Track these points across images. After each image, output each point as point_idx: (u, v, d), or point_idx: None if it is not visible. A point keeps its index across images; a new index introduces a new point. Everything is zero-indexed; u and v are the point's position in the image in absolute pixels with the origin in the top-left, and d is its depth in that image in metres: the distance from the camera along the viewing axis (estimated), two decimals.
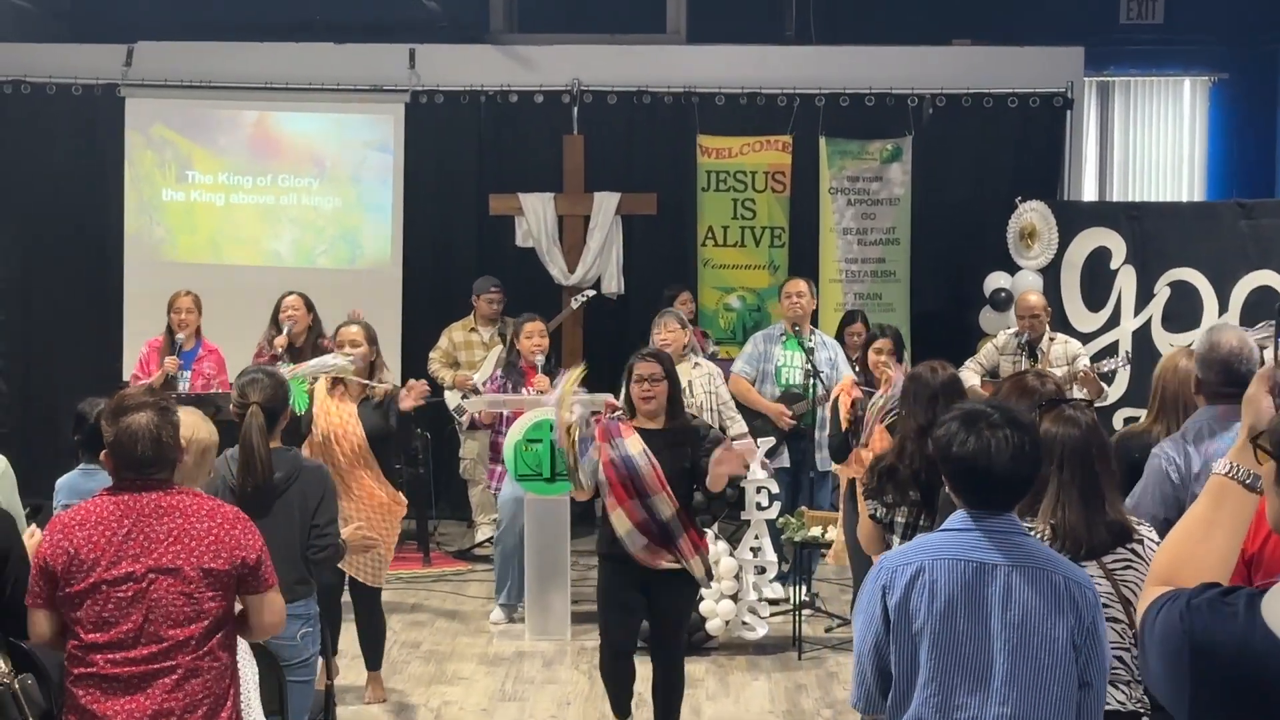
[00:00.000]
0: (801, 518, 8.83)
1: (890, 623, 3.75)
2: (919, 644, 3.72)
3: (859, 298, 12.15)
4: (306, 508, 5.89)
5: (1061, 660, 3.71)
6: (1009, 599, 3.70)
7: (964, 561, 3.73)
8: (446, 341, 11.05)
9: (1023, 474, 3.77)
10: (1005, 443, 3.74)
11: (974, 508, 3.80)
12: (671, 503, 6.68)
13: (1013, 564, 3.72)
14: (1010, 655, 3.69)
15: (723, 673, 8.42)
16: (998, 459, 3.73)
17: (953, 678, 3.70)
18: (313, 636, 5.85)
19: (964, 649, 3.70)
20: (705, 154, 12.41)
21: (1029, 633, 3.69)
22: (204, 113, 12.52)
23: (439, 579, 10.55)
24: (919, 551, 3.81)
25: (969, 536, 3.76)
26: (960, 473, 3.80)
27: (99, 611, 4.27)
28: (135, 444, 4.31)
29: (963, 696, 3.70)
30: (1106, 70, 13.48)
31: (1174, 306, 11.01)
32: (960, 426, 3.81)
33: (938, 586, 3.71)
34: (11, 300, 12.73)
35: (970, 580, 3.71)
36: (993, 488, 3.78)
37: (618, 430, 6.78)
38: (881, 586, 3.78)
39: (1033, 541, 3.84)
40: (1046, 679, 3.69)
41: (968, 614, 3.70)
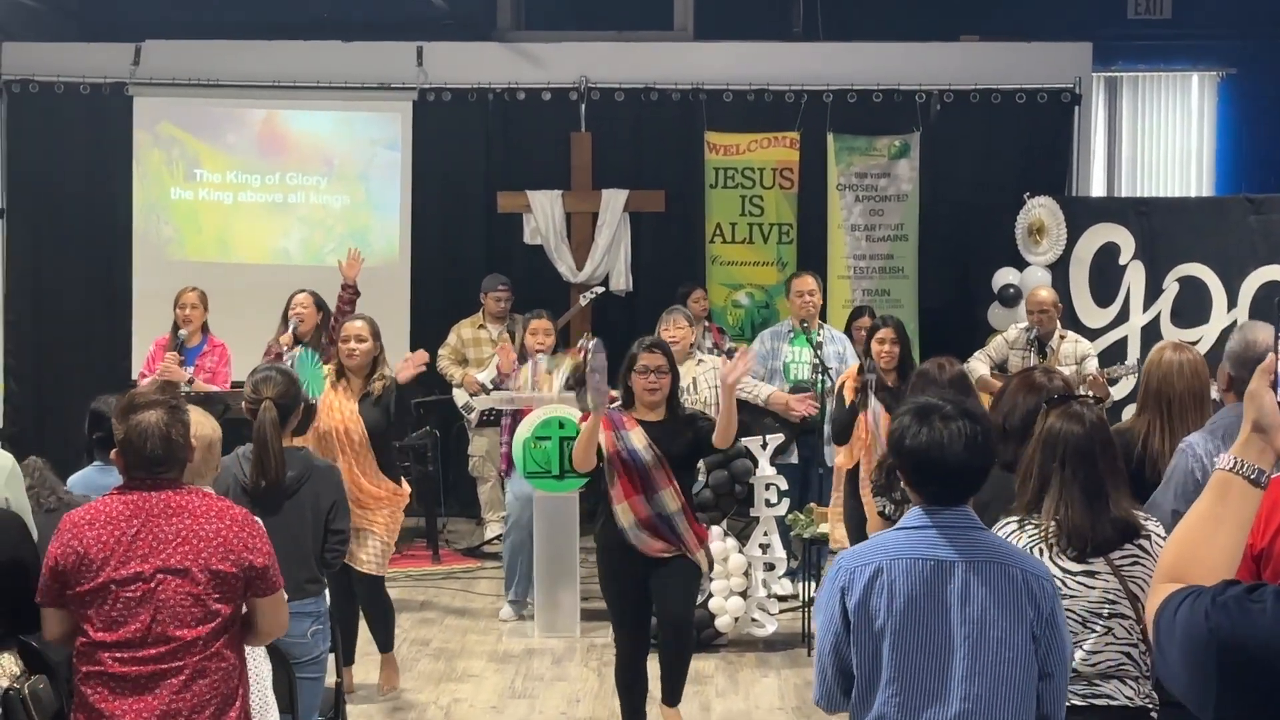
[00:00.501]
0: (810, 514, 8.83)
1: (850, 623, 3.75)
2: (880, 643, 3.73)
3: (867, 294, 12.14)
4: (319, 508, 5.90)
5: (1022, 653, 3.72)
6: (967, 595, 3.71)
7: (921, 560, 3.74)
8: (455, 339, 11.05)
9: (976, 465, 3.78)
10: (958, 434, 3.75)
11: (929, 502, 3.81)
12: (677, 497, 6.70)
13: (970, 559, 3.73)
14: (971, 650, 3.70)
15: (732, 669, 8.43)
16: (950, 450, 3.74)
17: (915, 676, 3.71)
18: (323, 634, 5.87)
19: (925, 647, 3.71)
20: (713, 151, 12.41)
21: (988, 627, 3.70)
22: (212, 111, 12.53)
23: (448, 576, 10.56)
24: (876, 551, 3.81)
25: (925, 534, 3.77)
26: (914, 465, 3.81)
27: (107, 611, 4.27)
28: (145, 442, 4.31)
29: (925, 694, 3.71)
30: (1114, 65, 13.46)
31: (1183, 302, 11.00)
32: (913, 419, 3.82)
33: (897, 586, 3.72)
34: (21, 299, 12.74)
35: (929, 578, 3.72)
36: (946, 479, 3.78)
37: (621, 422, 6.78)
38: (840, 587, 3.78)
39: (990, 535, 3.86)
40: (1007, 673, 3.71)
41: (928, 612, 3.72)
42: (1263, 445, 2.65)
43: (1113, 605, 4.21)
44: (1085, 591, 4.23)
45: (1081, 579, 4.23)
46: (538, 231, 12.21)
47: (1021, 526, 4.31)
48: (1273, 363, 2.65)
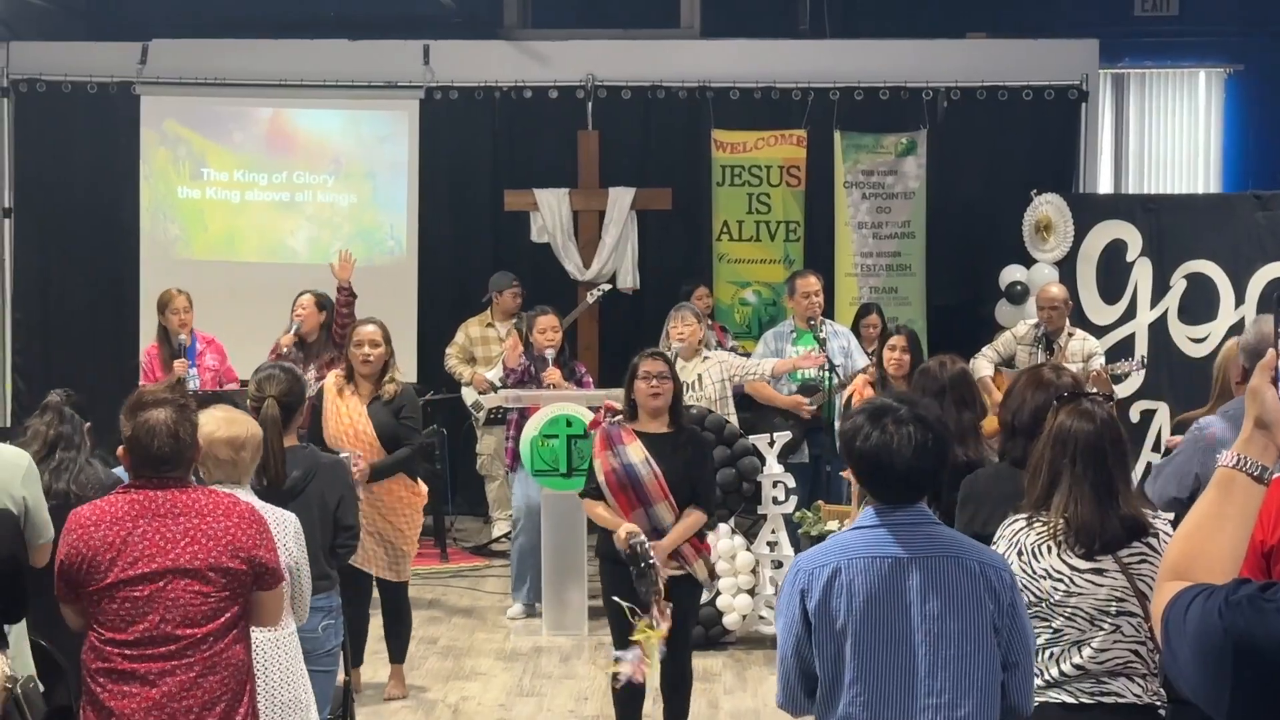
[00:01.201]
0: (819, 512, 8.83)
1: (811, 625, 3.75)
2: (842, 644, 3.73)
3: (874, 291, 12.13)
4: (326, 504, 5.90)
5: (984, 645, 3.73)
6: (926, 590, 3.72)
7: (879, 558, 3.74)
8: (463, 337, 11.06)
9: (924, 468, 3.78)
10: (908, 439, 3.75)
11: (881, 501, 3.81)
12: (673, 510, 6.65)
13: (926, 555, 3.75)
14: (932, 646, 3.71)
15: (740, 667, 8.43)
16: (899, 454, 3.75)
17: (878, 674, 3.72)
18: (334, 629, 5.87)
19: (887, 645, 3.72)
20: (720, 149, 12.40)
21: (948, 621, 3.71)
22: (219, 110, 12.54)
23: (456, 574, 10.57)
24: (834, 551, 3.81)
25: (880, 532, 3.78)
26: (864, 467, 3.82)
27: (116, 610, 4.28)
28: (152, 440, 4.32)
29: (890, 692, 3.71)
30: (1121, 62, 13.44)
31: (1190, 299, 10.98)
32: (865, 420, 3.83)
33: (856, 585, 3.72)
34: (29, 298, 12.76)
35: (887, 576, 3.73)
36: (895, 482, 3.79)
37: (619, 437, 6.72)
38: (800, 589, 3.78)
39: (944, 530, 3.86)
40: (970, 665, 3.72)
41: (888, 610, 3.72)
42: (1265, 442, 2.65)
43: (1120, 603, 4.21)
44: (1093, 589, 4.23)
45: (1089, 576, 4.23)
46: (544, 229, 12.21)
47: (1030, 523, 4.31)
48: (1273, 359, 2.66)
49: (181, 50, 12.47)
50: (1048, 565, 4.24)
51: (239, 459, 4.98)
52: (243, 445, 5.00)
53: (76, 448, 5.75)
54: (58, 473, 5.60)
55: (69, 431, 5.74)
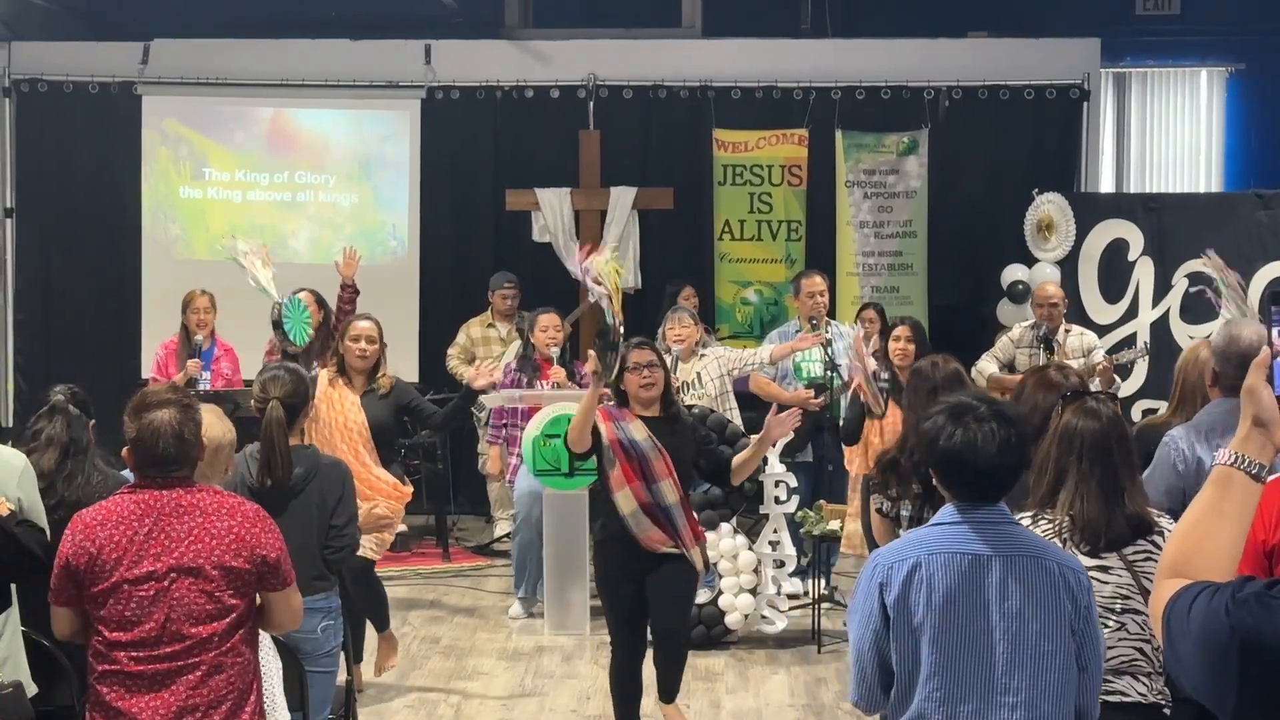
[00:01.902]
0: (820, 511, 8.83)
1: (889, 619, 3.75)
2: (919, 639, 3.73)
3: (876, 291, 12.13)
4: (325, 505, 5.88)
5: (1061, 647, 3.72)
6: (1006, 589, 3.71)
7: (959, 554, 3.74)
8: (464, 337, 11.06)
9: (1009, 466, 3.79)
10: (992, 435, 3.76)
11: (962, 499, 3.81)
12: (676, 489, 6.70)
13: (1007, 554, 3.74)
14: (1011, 645, 3.70)
15: (742, 666, 8.43)
16: (984, 451, 3.75)
17: (955, 671, 3.71)
18: (334, 630, 5.86)
19: (965, 642, 3.71)
20: (721, 148, 12.40)
21: (1027, 621, 3.71)
22: (220, 109, 12.54)
23: (458, 574, 10.57)
24: (913, 547, 3.81)
25: (960, 529, 3.77)
26: (947, 466, 3.82)
27: (121, 610, 4.28)
28: (157, 441, 4.32)
29: (966, 689, 3.71)
30: (1123, 61, 13.45)
31: (1192, 298, 10.98)
32: (947, 420, 3.82)
33: (936, 581, 3.72)
34: (30, 298, 12.77)
35: (967, 573, 3.72)
36: (979, 480, 3.79)
37: (621, 414, 6.78)
38: (878, 584, 3.78)
39: (1023, 530, 3.86)
40: (1047, 666, 3.71)
41: (967, 607, 3.71)
42: (1263, 440, 2.65)
43: (1125, 601, 4.21)
44: (1098, 587, 4.22)
45: (1094, 574, 4.22)
46: (546, 229, 12.20)
47: (1035, 521, 4.31)
48: (1267, 357, 2.66)
49: (183, 50, 12.47)
50: None
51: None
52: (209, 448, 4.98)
53: (84, 451, 5.73)
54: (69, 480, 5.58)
55: (78, 434, 5.73)
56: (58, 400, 5.81)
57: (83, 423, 5.75)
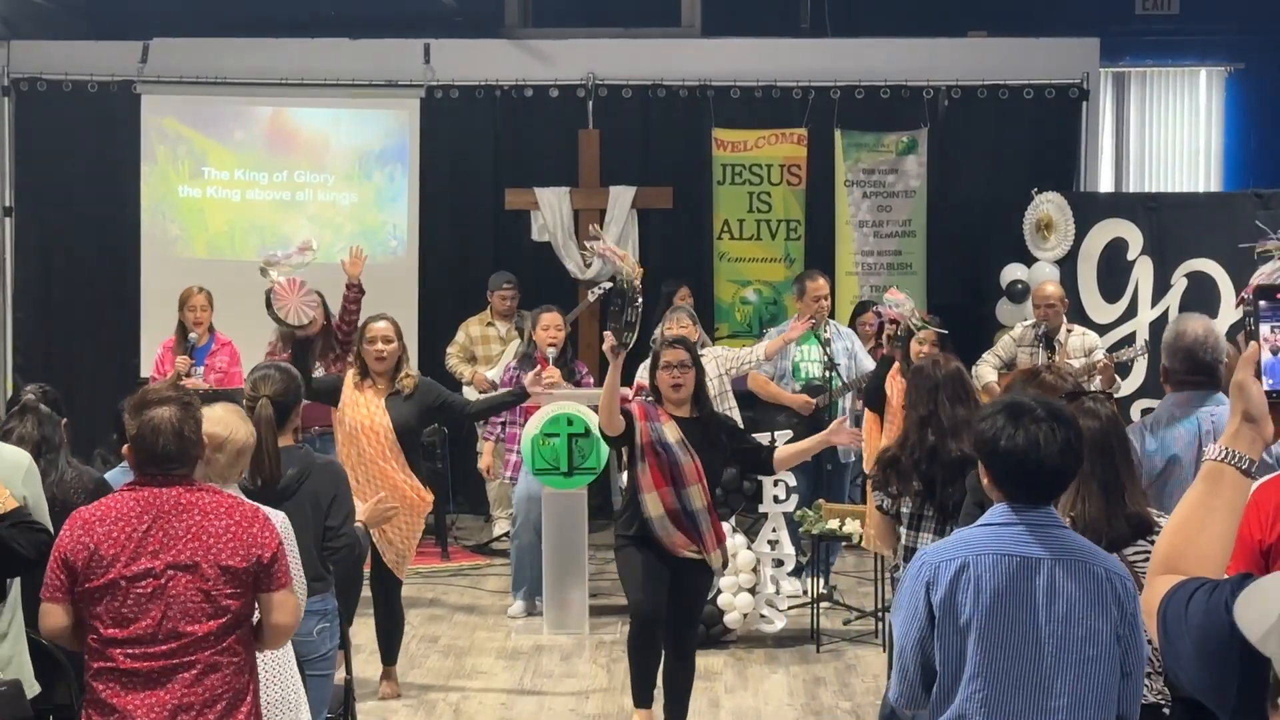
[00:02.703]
0: (819, 510, 8.83)
1: (935, 619, 3.74)
2: (965, 639, 3.71)
3: (875, 290, 12.11)
4: (319, 505, 5.86)
5: (1106, 652, 3.71)
6: (1053, 592, 3.70)
7: (1008, 556, 3.72)
8: (464, 336, 11.06)
9: (1069, 467, 3.78)
10: (1053, 436, 3.74)
11: (1017, 501, 3.79)
12: (704, 495, 6.77)
13: (1055, 557, 3.72)
14: (1056, 648, 3.69)
15: (741, 666, 8.43)
16: (1047, 452, 3.73)
17: (999, 672, 3.70)
18: (330, 632, 5.85)
19: (1010, 644, 3.70)
20: (720, 147, 12.40)
21: (1073, 625, 3.69)
22: (220, 109, 12.54)
23: (457, 573, 10.57)
24: (961, 547, 3.79)
25: (1011, 530, 3.75)
26: (1007, 467, 3.79)
27: (118, 607, 4.28)
28: (157, 438, 4.32)
29: (1010, 690, 3.69)
30: (1122, 61, 13.45)
31: (1191, 297, 10.98)
32: (1006, 420, 3.79)
33: (983, 581, 3.70)
34: (29, 297, 12.76)
35: (1015, 575, 3.71)
36: (1040, 481, 3.77)
37: (656, 414, 6.81)
38: (925, 582, 3.77)
39: (1072, 534, 3.83)
40: (1092, 671, 3.70)
41: (1013, 608, 3.70)
42: (1253, 435, 2.66)
43: None
44: None
45: None
46: (545, 228, 12.21)
47: None
48: (1255, 352, 2.66)
49: (182, 49, 12.47)
50: None
51: (212, 459, 4.94)
52: (220, 446, 4.97)
53: (56, 449, 5.71)
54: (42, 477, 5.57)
55: (49, 432, 5.71)
56: (28, 399, 5.81)
57: (54, 421, 5.73)
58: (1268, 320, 2.67)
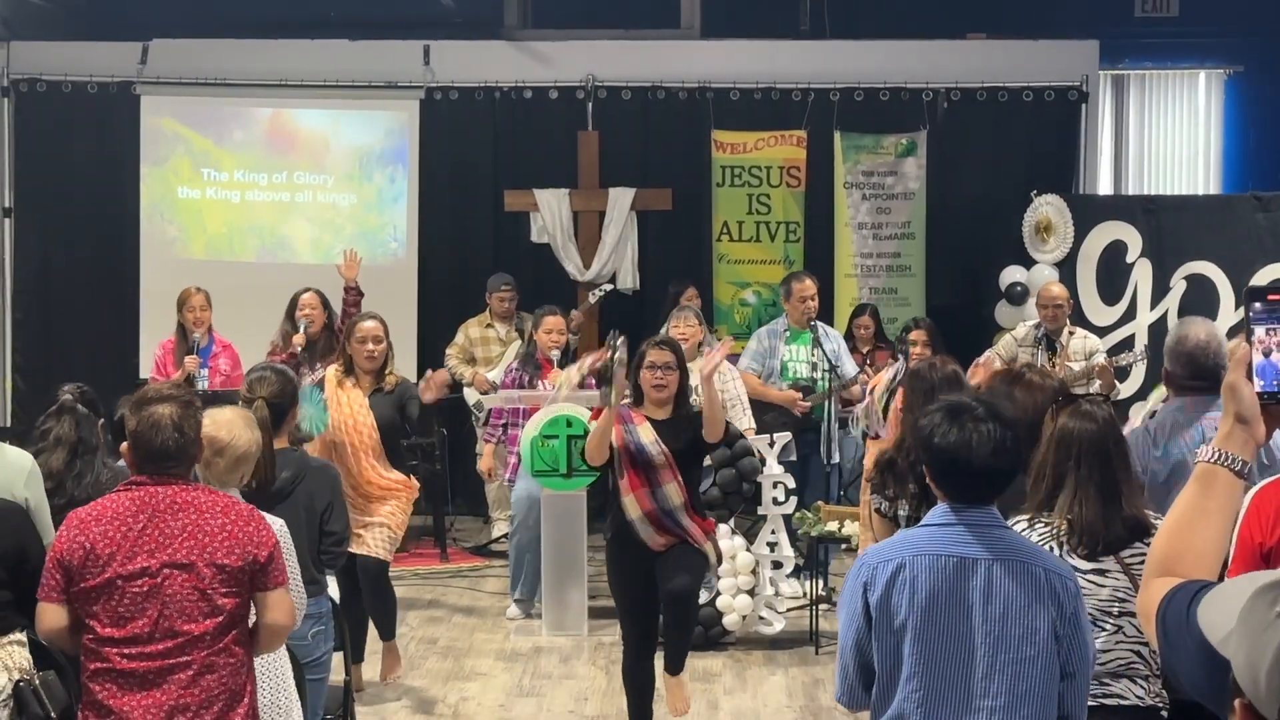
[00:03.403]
0: (818, 512, 8.83)
1: (872, 619, 3.76)
2: (901, 640, 3.74)
3: (874, 292, 12.14)
4: (314, 509, 5.86)
5: (1043, 652, 3.72)
6: (990, 592, 3.72)
7: (945, 556, 3.74)
8: (463, 337, 11.06)
9: (1003, 468, 3.78)
10: (987, 436, 3.75)
11: (955, 500, 3.80)
12: (681, 492, 6.72)
13: (994, 557, 3.74)
14: (992, 648, 3.71)
15: (740, 667, 8.43)
16: (979, 452, 3.74)
17: (935, 673, 3.72)
18: (324, 635, 5.84)
19: (946, 644, 3.72)
20: (720, 149, 12.40)
21: (1010, 625, 3.71)
22: (219, 110, 12.54)
23: (456, 575, 10.57)
24: (900, 547, 3.82)
25: (950, 531, 3.77)
26: (941, 464, 3.82)
27: (114, 607, 4.28)
28: (156, 435, 4.32)
29: (946, 691, 3.72)
30: (1122, 63, 13.45)
31: (1190, 300, 10.99)
32: (944, 418, 3.82)
33: (919, 582, 3.72)
34: (29, 297, 12.76)
35: (951, 575, 3.73)
36: (972, 481, 3.78)
37: (629, 416, 6.80)
38: (863, 583, 3.79)
39: (1013, 534, 3.85)
40: (1028, 671, 3.71)
41: (949, 609, 3.72)
42: (1245, 437, 2.66)
43: (1122, 604, 4.22)
44: (1095, 590, 4.23)
45: (1092, 577, 4.23)
46: (544, 230, 12.21)
47: (1031, 525, 4.32)
48: (1246, 353, 2.67)
49: (182, 50, 12.46)
50: None
51: (212, 463, 4.94)
52: (220, 451, 4.97)
53: (94, 450, 5.71)
54: (79, 479, 5.57)
55: (86, 434, 5.71)
56: (65, 399, 5.81)
57: (91, 421, 5.74)
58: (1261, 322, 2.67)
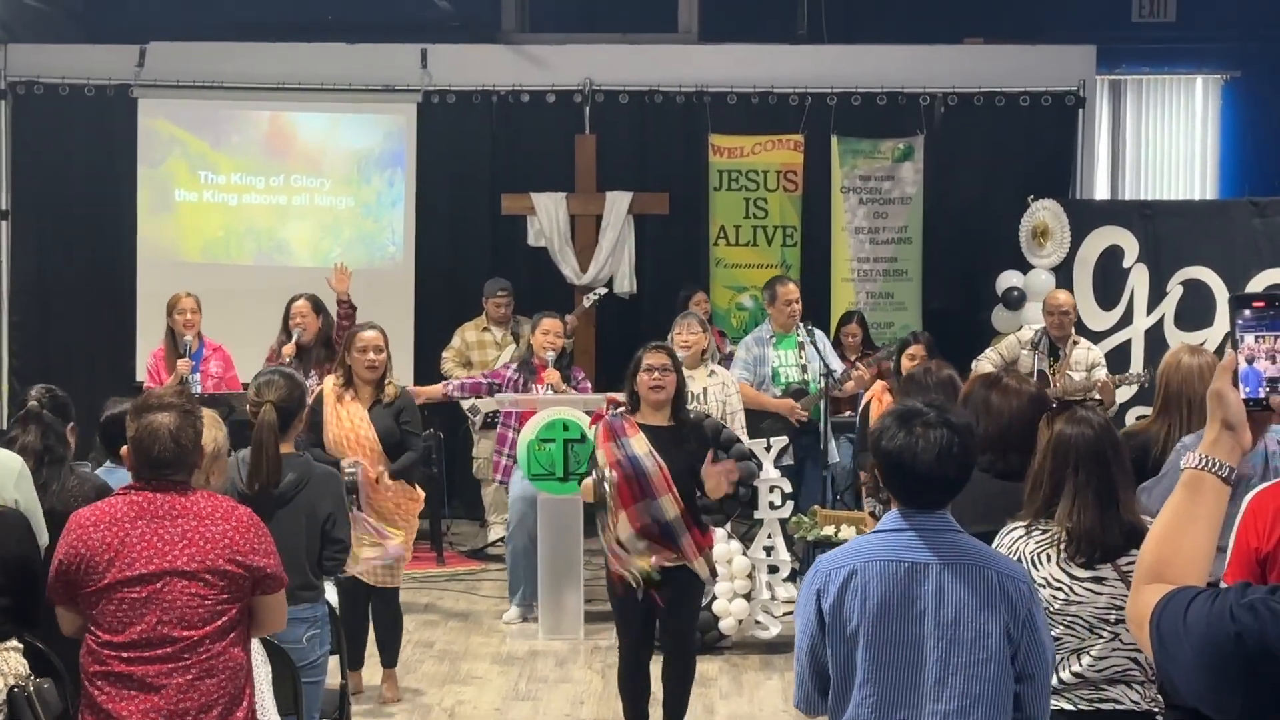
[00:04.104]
0: (814, 516, 8.83)
1: (825, 625, 3.77)
2: (854, 646, 3.75)
3: (871, 297, 12.14)
4: (315, 514, 5.85)
5: (995, 655, 3.72)
6: (941, 597, 3.72)
7: (896, 562, 3.75)
8: (459, 341, 11.07)
9: (946, 474, 3.77)
10: (932, 441, 3.75)
11: (905, 505, 3.81)
12: (676, 504, 6.63)
13: (945, 562, 3.74)
14: (944, 653, 3.71)
15: (736, 672, 8.43)
16: (922, 457, 3.74)
17: (888, 678, 3.73)
18: (319, 639, 5.84)
19: (898, 649, 3.73)
20: (717, 153, 12.40)
21: (962, 629, 3.71)
22: (216, 113, 12.53)
23: (452, 579, 10.57)
24: (852, 554, 3.82)
25: (902, 536, 3.78)
26: (887, 468, 3.83)
27: (114, 611, 4.29)
28: (154, 443, 4.33)
29: (899, 696, 3.72)
30: (1119, 68, 13.46)
31: (1186, 305, 11.00)
32: (893, 421, 3.83)
33: (870, 588, 3.73)
34: (26, 300, 12.75)
35: (903, 580, 3.73)
36: (915, 486, 3.79)
37: (622, 429, 6.72)
38: (816, 590, 3.80)
39: (965, 538, 3.84)
40: (981, 674, 3.71)
41: (901, 615, 3.73)
42: (1232, 443, 2.67)
43: (1119, 611, 4.21)
44: (1092, 597, 4.23)
45: (1089, 585, 4.23)
46: (541, 234, 12.21)
47: (1029, 532, 4.32)
48: (1233, 360, 2.69)
49: (179, 53, 12.46)
50: (1047, 574, 4.25)
51: None
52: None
53: (61, 459, 5.65)
54: (45, 488, 5.55)
55: (53, 443, 5.65)
56: (31, 407, 5.75)
57: (58, 429, 5.68)
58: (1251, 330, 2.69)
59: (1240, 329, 2.70)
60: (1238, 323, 2.71)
